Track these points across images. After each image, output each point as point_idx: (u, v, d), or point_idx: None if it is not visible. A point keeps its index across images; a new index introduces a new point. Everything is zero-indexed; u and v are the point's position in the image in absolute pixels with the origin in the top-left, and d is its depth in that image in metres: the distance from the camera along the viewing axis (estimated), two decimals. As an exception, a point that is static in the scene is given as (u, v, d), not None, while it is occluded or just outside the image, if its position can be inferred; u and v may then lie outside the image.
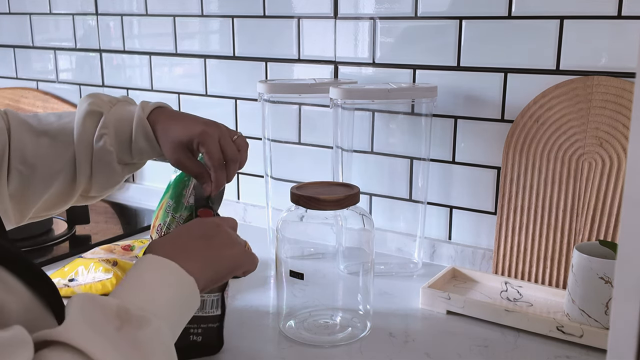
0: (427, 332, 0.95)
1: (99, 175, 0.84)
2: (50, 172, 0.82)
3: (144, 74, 1.55)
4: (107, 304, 0.56)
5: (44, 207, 0.84)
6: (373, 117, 1.23)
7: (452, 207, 1.19)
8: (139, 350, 0.54)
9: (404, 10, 1.16)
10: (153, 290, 0.61)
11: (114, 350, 0.52)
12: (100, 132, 0.82)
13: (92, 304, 0.55)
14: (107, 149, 0.82)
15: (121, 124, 0.84)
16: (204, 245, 0.70)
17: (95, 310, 0.54)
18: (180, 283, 0.63)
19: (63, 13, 1.65)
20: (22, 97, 1.78)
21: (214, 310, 0.86)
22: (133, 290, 0.60)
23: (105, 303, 0.56)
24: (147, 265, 0.63)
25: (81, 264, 1.06)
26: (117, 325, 0.54)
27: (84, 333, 0.51)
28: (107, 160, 0.83)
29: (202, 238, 0.70)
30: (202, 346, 0.86)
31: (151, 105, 0.85)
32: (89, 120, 0.83)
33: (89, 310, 0.54)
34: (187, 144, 0.82)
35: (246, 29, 1.36)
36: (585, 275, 0.90)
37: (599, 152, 1.01)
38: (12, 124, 0.81)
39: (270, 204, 1.28)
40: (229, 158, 0.84)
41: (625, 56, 0.99)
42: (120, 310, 0.55)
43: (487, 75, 1.11)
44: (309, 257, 1.06)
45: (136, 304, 0.58)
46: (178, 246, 0.68)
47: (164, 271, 0.63)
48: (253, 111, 1.38)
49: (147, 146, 0.84)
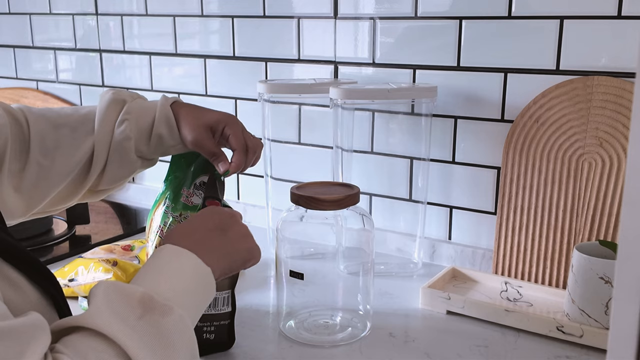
0: (427, 332, 0.95)
1: (113, 164, 0.84)
2: (68, 164, 0.82)
3: (144, 74, 1.55)
4: (131, 292, 0.57)
5: (51, 203, 0.85)
6: (373, 117, 1.23)
7: (452, 207, 1.19)
8: (162, 337, 0.56)
9: (404, 10, 1.16)
10: (173, 280, 0.62)
11: (138, 337, 0.54)
12: (122, 117, 0.83)
13: (116, 291, 0.57)
14: (127, 134, 0.83)
15: (144, 112, 0.85)
16: (220, 237, 0.71)
17: (119, 298, 0.56)
18: (198, 274, 0.65)
19: (63, 13, 1.65)
20: (22, 97, 1.78)
21: (225, 307, 0.86)
22: (155, 279, 0.62)
23: (129, 291, 0.57)
24: (167, 255, 0.64)
25: (81, 264, 1.06)
26: (140, 313, 0.56)
27: (109, 319, 0.53)
28: (125, 147, 0.84)
29: (218, 229, 0.71)
30: (215, 344, 0.87)
31: (173, 98, 0.88)
32: (113, 107, 0.84)
33: (113, 298, 0.56)
34: (212, 125, 0.85)
35: (246, 29, 1.36)
36: (585, 275, 0.90)
37: (599, 152, 1.01)
38: (29, 118, 0.82)
39: (270, 204, 1.28)
40: (251, 147, 0.87)
41: (625, 56, 0.99)
42: (144, 298, 0.57)
43: (487, 75, 1.11)
44: (309, 257, 1.06)
45: (159, 292, 0.59)
46: (195, 237, 0.69)
47: (183, 262, 0.64)
48: (253, 111, 1.38)
49: (167, 132, 0.85)
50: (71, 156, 0.82)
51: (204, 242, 0.68)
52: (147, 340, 0.54)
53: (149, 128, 0.85)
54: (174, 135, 0.85)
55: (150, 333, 0.55)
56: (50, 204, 0.85)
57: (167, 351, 0.56)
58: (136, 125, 0.84)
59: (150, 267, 0.64)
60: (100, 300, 0.55)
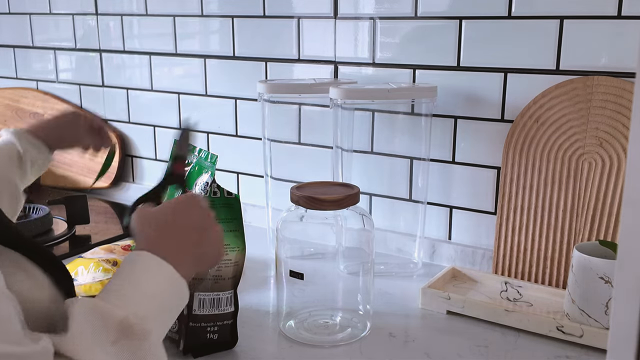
0: (427, 332, 0.95)
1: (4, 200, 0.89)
2: None
3: (144, 74, 1.55)
4: (111, 316, 0.56)
5: None
6: (373, 117, 1.23)
7: (452, 207, 1.19)
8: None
9: (404, 10, 1.16)
10: (152, 297, 0.61)
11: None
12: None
13: (97, 315, 0.56)
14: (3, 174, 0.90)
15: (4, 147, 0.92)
16: (195, 241, 0.69)
17: (99, 323, 0.55)
18: (175, 287, 0.64)
19: (63, 13, 1.65)
20: (22, 97, 1.78)
21: (228, 307, 0.87)
22: (134, 296, 0.60)
23: (109, 315, 0.56)
24: (146, 266, 0.63)
25: (81, 264, 1.06)
26: (115, 337, 0.55)
27: (89, 347, 0.53)
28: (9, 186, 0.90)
29: (194, 230, 0.69)
30: (218, 343, 0.87)
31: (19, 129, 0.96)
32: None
33: (94, 322, 0.55)
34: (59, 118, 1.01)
35: (246, 29, 1.36)
36: (585, 275, 0.90)
37: (599, 152, 1.01)
38: None
39: (270, 204, 1.28)
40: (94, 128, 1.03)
41: (625, 56, 0.99)
42: (123, 323, 0.56)
43: (487, 75, 1.11)
44: (309, 257, 1.06)
45: (138, 313, 0.58)
46: (171, 240, 0.67)
47: (161, 275, 0.63)
48: (253, 111, 1.38)
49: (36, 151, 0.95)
50: None
51: (180, 248, 0.67)
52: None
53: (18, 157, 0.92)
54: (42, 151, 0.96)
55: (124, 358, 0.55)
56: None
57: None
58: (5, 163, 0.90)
59: (129, 278, 0.62)
60: (80, 323, 0.55)
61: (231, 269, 0.85)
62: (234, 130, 1.43)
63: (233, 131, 1.43)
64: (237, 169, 1.44)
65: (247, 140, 1.42)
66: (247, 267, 1.18)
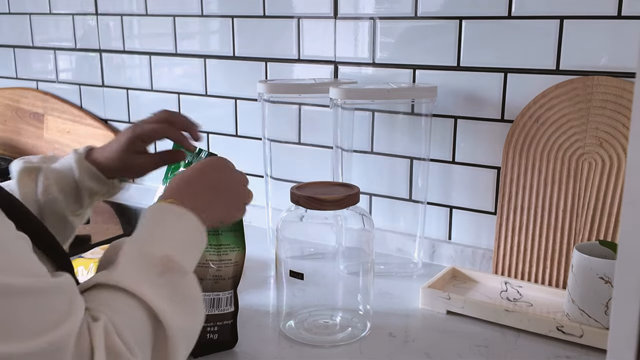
0: (427, 332, 0.95)
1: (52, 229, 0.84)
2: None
3: (144, 74, 1.55)
4: (153, 254, 0.62)
5: None
6: (373, 117, 1.23)
7: (452, 207, 1.19)
8: (182, 294, 0.61)
9: (404, 10, 1.16)
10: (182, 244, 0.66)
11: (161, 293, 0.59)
12: (44, 184, 0.83)
13: (139, 252, 0.61)
14: (55, 197, 0.83)
15: (61, 174, 0.85)
16: (213, 198, 0.75)
17: (142, 258, 0.61)
18: (198, 235, 0.69)
19: (63, 13, 1.65)
20: (22, 97, 1.78)
21: (228, 307, 0.87)
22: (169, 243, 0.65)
23: (151, 253, 0.62)
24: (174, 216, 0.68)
25: (81, 264, 1.06)
26: (160, 270, 0.61)
27: (135, 279, 0.58)
28: (57, 211, 0.84)
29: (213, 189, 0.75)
30: (218, 343, 0.87)
31: (83, 149, 0.88)
32: (26, 176, 0.84)
33: (137, 258, 0.61)
34: (127, 146, 0.86)
35: (246, 29, 1.36)
36: (585, 275, 0.90)
37: (599, 152, 1.01)
38: None
39: (270, 204, 1.28)
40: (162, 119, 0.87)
41: (625, 56, 0.99)
42: (164, 260, 0.61)
43: (487, 75, 1.11)
44: (309, 257, 1.06)
45: (177, 252, 0.64)
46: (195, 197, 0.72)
47: (187, 224, 0.68)
48: (253, 111, 1.38)
49: (94, 183, 0.86)
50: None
51: (201, 201, 0.72)
52: (170, 296, 0.59)
53: (74, 186, 0.85)
54: (103, 182, 0.87)
55: (171, 290, 0.60)
56: None
57: (187, 306, 0.62)
58: (58, 188, 0.84)
59: (159, 226, 0.67)
60: (124, 259, 0.60)
61: (231, 269, 0.85)
62: (234, 130, 1.43)
63: (233, 131, 1.43)
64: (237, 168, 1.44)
65: (247, 140, 1.42)
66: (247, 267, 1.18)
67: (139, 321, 0.57)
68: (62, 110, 1.71)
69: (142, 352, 0.56)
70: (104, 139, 1.62)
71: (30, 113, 1.77)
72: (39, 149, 1.75)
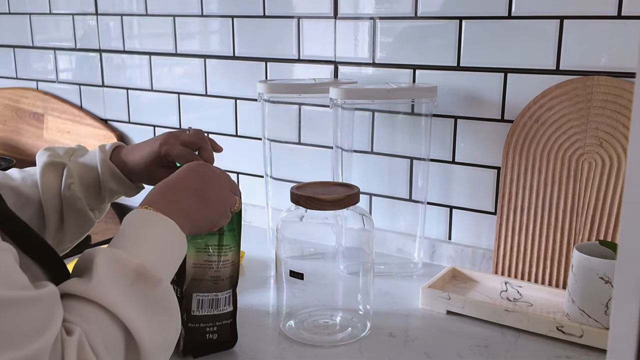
0: (427, 332, 0.95)
1: (71, 223, 0.86)
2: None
3: (144, 74, 1.55)
4: (128, 263, 0.61)
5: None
6: (373, 117, 1.23)
7: (452, 207, 1.19)
8: (153, 304, 0.61)
9: (404, 10, 1.16)
10: (160, 250, 0.66)
11: (130, 304, 0.58)
12: (67, 182, 0.84)
13: (115, 261, 0.61)
14: (76, 196, 0.84)
15: (86, 171, 0.86)
16: (197, 204, 0.74)
17: (117, 269, 0.60)
18: (178, 243, 0.69)
19: (63, 13, 1.65)
20: (22, 97, 1.78)
21: (226, 307, 0.87)
22: (145, 249, 0.65)
23: (126, 262, 0.61)
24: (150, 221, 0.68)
25: (81, 264, 1.06)
26: (132, 279, 0.60)
27: (110, 293, 0.58)
28: (78, 207, 0.85)
29: (198, 194, 0.74)
30: (218, 343, 0.88)
31: (110, 146, 0.89)
32: (51, 170, 0.84)
33: (112, 268, 0.60)
34: (154, 157, 0.87)
35: (246, 29, 1.36)
36: (585, 275, 0.90)
37: (599, 152, 1.01)
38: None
39: (270, 204, 1.28)
40: (193, 144, 0.88)
41: (625, 56, 0.99)
42: (139, 269, 0.61)
43: (487, 75, 1.11)
44: (309, 257, 1.06)
45: (151, 262, 0.63)
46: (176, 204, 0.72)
47: (167, 231, 0.68)
48: (253, 111, 1.38)
49: (116, 184, 0.87)
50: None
51: (183, 208, 0.72)
52: (141, 307, 0.59)
53: (97, 185, 0.86)
54: (125, 185, 0.88)
55: (143, 300, 0.60)
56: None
57: (160, 317, 0.61)
58: (82, 185, 0.85)
59: (138, 233, 0.67)
60: (99, 269, 0.59)
61: (229, 269, 0.85)
62: (234, 130, 1.43)
63: (233, 131, 1.44)
64: (237, 169, 1.44)
65: (247, 140, 1.42)
66: (247, 267, 1.19)
67: (112, 335, 0.57)
68: (62, 110, 1.71)
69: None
70: (104, 139, 1.62)
71: (30, 113, 1.77)
72: (38, 149, 1.74)
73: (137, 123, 1.60)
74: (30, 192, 0.83)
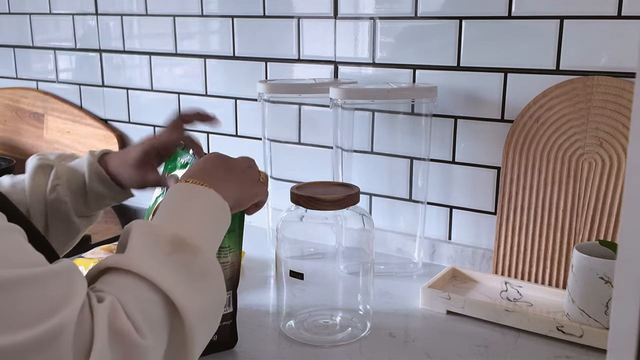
0: (427, 332, 0.95)
1: (56, 229, 0.85)
2: None
3: (143, 74, 1.55)
4: (164, 234, 0.61)
5: None
6: (373, 117, 1.23)
7: (452, 207, 1.19)
8: (195, 273, 0.60)
9: (404, 10, 1.16)
10: (198, 218, 0.66)
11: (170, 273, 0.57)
12: (52, 183, 0.84)
13: (150, 232, 0.61)
14: (61, 199, 0.84)
15: (73, 174, 0.86)
16: (228, 174, 0.75)
17: (153, 240, 0.60)
18: (218, 209, 0.69)
19: (63, 13, 1.65)
20: (22, 97, 1.78)
21: (226, 308, 0.87)
22: (182, 218, 0.65)
23: (162, 232, 0.61)
24: (188, 192, 0.69)
25: (81, 264, 1.06)
26: (170, 250, 0.60)
27: (143, 260, 0.57)
28: (62, 211, 0.84)
29: (224, 168, 0.76)
30: (218, 344, 0.88)
31: (99, 151, 0.89)
32: (40, 173, 0.84)
33: (148, 239, 0.60)
34: (142, 158, 0.86)
35: (246, 29, 1.36)
36: (585, 275, 0.90)
37: (599, 152, 1.01)
38: None
39: (270, 204, 1.28)
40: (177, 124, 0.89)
41: (625, 56, 0.99)
42: (175, 239, 0.61)
43: (487, 75, 1.11)
44: (309, 257, 1.06)
45: (187, 230, 0.63)
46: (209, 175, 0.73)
47: (203, 198, 0.68)
48: (253, 111, 1.38)
49: (103, 188, 0.87)
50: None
51: (218, 178, 0.72)
52: (181, 276, 0.58)
53: (82, 188, 0.86)
54: (112, 190, 0.87)
55: (182, 269, 0.59)
56: None
57: (201, 286, 0.60)
58: (68, 189, 0.85)
59: (175, 204, 0.67)
60: (134, 242, 0.59)
61: (229, 271, 0.86)
62: (234, 130, 1.43)
63: (233, 131, 1.44)
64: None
65: (247, 140, 1.42)
66: (247, 267, 1.19)
67: (150, 302, 0.55)
68: (62, 110, 1.71)
69: (155, 334, 0.54)
70: (104, 139, 1.62)
71: (30, 113, 1.77)
72: (39, 149, 1.75)
73: (137, 123, 1.60)
74: (18, 198, 0.83)
